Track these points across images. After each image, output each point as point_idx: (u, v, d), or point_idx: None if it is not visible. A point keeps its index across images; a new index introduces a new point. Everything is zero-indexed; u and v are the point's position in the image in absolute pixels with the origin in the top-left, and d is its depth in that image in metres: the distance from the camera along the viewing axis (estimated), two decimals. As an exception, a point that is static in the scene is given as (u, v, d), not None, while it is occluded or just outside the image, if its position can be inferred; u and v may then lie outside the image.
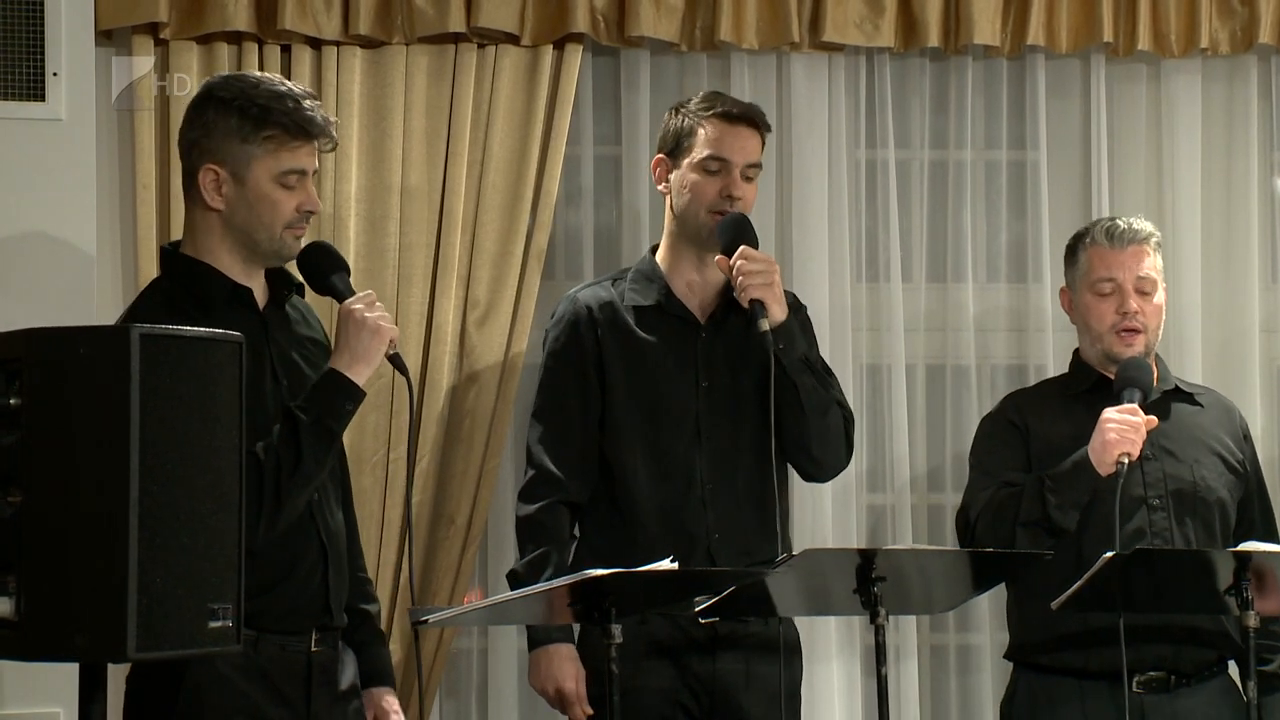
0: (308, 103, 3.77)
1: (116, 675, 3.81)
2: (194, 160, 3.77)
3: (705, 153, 4.26)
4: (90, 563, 3.15)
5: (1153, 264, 4.43)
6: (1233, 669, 4.40)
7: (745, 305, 4.17)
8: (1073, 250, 4.50)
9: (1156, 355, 4.49)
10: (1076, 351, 4.54)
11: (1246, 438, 4.54)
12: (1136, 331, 4.38)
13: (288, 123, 3.74)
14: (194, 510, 3.25)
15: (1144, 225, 4.46)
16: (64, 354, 3.19)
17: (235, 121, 3.74)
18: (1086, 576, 3.88)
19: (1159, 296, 4.43)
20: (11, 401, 3.22)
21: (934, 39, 4.88)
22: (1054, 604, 4.00)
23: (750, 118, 4.30)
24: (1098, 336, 4.42)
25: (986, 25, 4.88)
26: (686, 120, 4.30)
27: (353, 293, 3.83)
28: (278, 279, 3.87)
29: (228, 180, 3.74)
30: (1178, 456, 4.38)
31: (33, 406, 3.21)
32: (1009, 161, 5.06)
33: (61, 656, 3.25)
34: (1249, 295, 5.06)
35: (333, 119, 3.84)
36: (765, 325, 4.14)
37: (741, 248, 4.19)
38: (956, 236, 5.01)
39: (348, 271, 3.86)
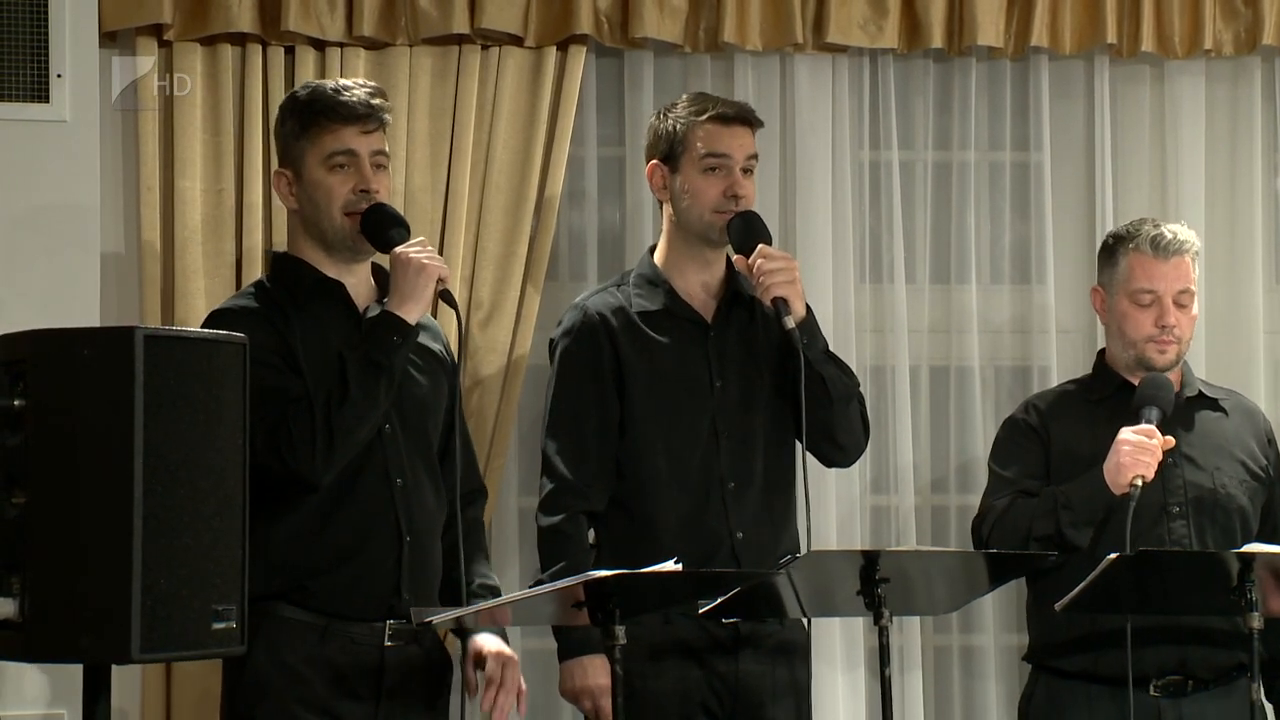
0: (353, 91, 3.96)
1: (121, 676, 3.82)
2: (277, 168, 4.03)
3: (704, 152, 4.25)
4: (94, 564, 3.16)
5: (1192, 275, 4.42)
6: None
7: (767, 303, 4.17)
8: (1111, 251, 4.48)
9: (1185, 363, 4.49)
10: (1101, 353, 4.54)
11: (1271, 442, 4.53)
12: (1171, 343, 4.38)
13: (324, 109, 3.95)
14: (198, 511, 3.26)
15: (1187, 235, 4.45)
16: (68, 355, 3.20)
17: (289, 124, 4.00)
18: (1090, 578, 3.88)
19: (1195, 308, 4.44)
20: (16, 403, 3.23)
21: (937, 40, 4.88)
22: (1057, 605, 4.00)
23: (744, 117, 4.30)
24: (1131, 344, 4.41)
25: (990, 26, 4.88)
26: (679, 125, 4.28)
27: None
28: (388, 280, 4.01)
29: (293, 180, 3.99)
30: (1199, 464, 4.38)
31: (37, 408, 3.22)
32: (1012, 163, 5.06)
33: (66, 658, 3.27)
34: (1253, 296, 5.05)
35: (379, 102, 3.99)
36: (791, 323, 4.14)
37: (760, 246, 4.19)
38: (960, 238, 5.01)
39: (407, 229, 3.98)
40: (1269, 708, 4.43)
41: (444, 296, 3.97)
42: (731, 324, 4.32)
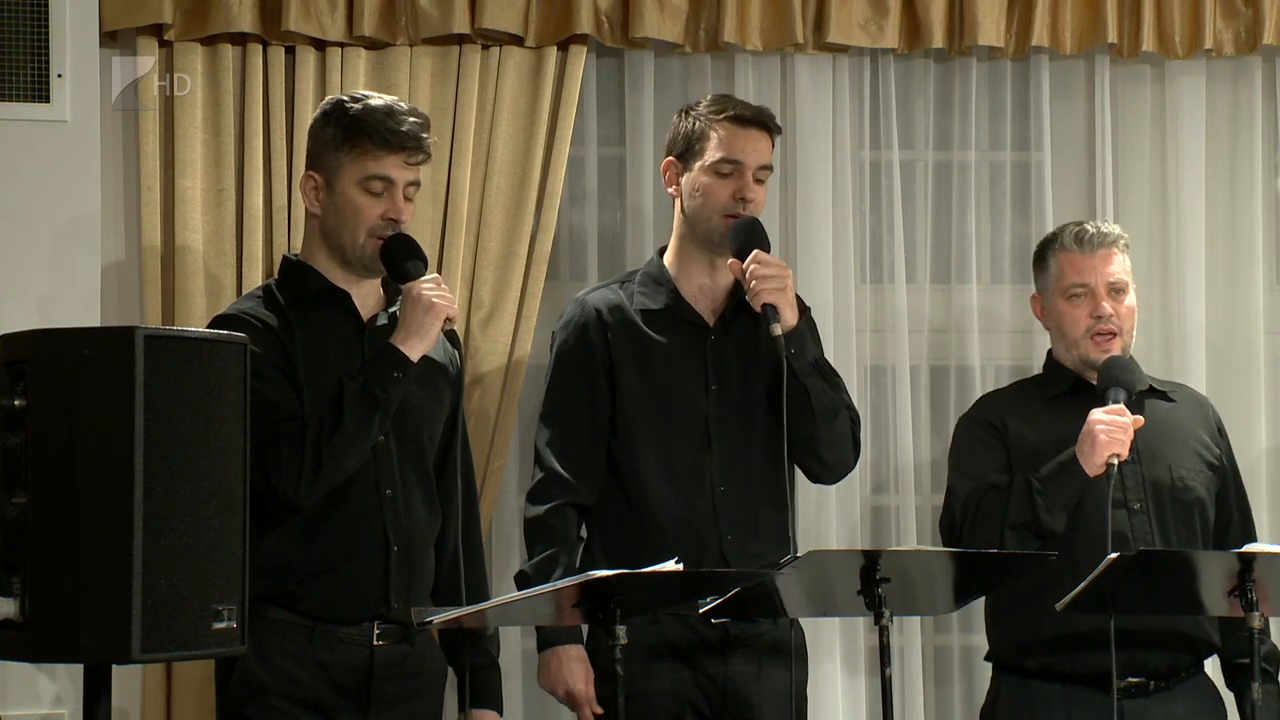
0: (406, 118, 3.97)
1: (121, 676, 3.82)
2: (306, 168, 4.02)
3: (718, 155, 4.26)
4: (95, 564, 3.16)
5: (1122, 266, 4.44)
6: (1209, 669, 4.45)
7: (758, 309, 4.17)
8: (1041, 257, 4.51)
9: (1130, 356, 4.50)
10: (1050, 353, 4.54)
11: (1221, 432, 4.55)
12: (1112, 334, 4.40)
13: (372, 131, 3.95)
14: (198, 511, 3.26)
15: (1112, 228, 4.48)
16: (69, 355, 3.20)
17: (332, 131, 3.99)
18: (1091, 578, 3.88)
19: (1131, 298, 4.45)
20: (17, 403, 3.23)
21: (938, 40, 4.88)
22: (1058, 605, 4.00)
23: (762, 121, 4.31)
24: (1073, 342, 4.43)
25: (991, 26, 4.88)
26: (697, 124, 4.30)
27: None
28: (397, 292, 4.03)
29: (322, 186, 3.99)
30: (1155, 457, 4.38)
31: (38, 407, 3.22)
32: (1013, 163, 5.06)
33: (66, 658, 3.27)
34: (1253, 296, 5.05)
35: (427, 136, 4.00)
36: (778, 330, 4.14)
37: (755, 252, 4.19)
38: (960, 238, 5.01)
39: (424, 261, 4.00)
40: (1228, 695, 4.47)
41: (449, 336, 4.02)
42: (734, 330, 4.33)
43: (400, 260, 3.97)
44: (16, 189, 4.44)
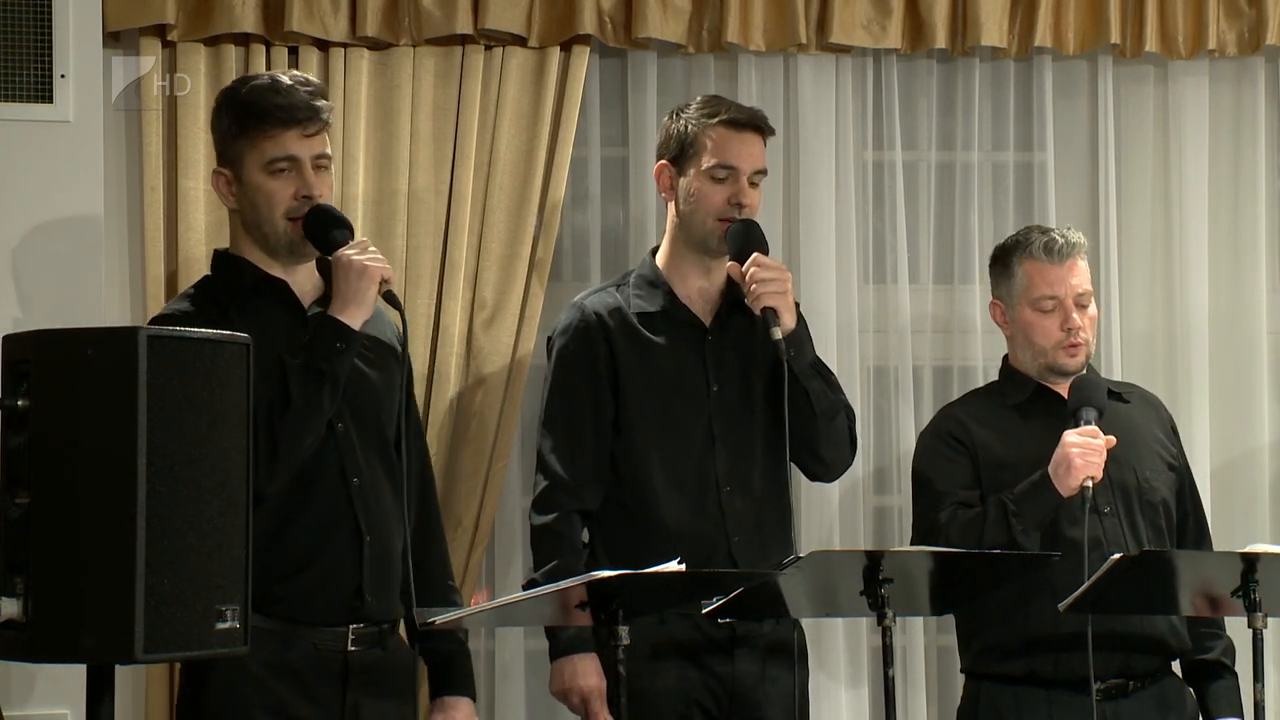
0: (294, 93, 3.85)
1: (124, 676, 3.82)
2: (216, 165, 3.93)
3: (712, 161, 4.25)
4: (98, 564, 3.16)
5: (1086, 274, 4.45)
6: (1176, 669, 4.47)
7: (757, 313, 4.17)
8: (1005, 263, 4.49)
9: (1090, 365, 4.50)
10: (1006, 358, 4.54)
11: (1175, 430, 4.56)
12: (1079, 345, 4.40)
13: (262, 112, 3.84)
14: (201, 511, 3.25)
15: (1077, 236, 4.48)
16: (71, 356, 3.20)
17: (227, 122, 3.90)
18: (1094, 579, 3.88)
19: (1093, 307, 4.46)
20: (19, 403, 3.22)
21: (941, 41, 4.88)
22: (1061, 606, 4.01)
23: (755, 124, 4.30)
24: (1041, 352, 4.43)
25: (994, 27, 4.89)
26: (689, 127, 4.29)
27: None
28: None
29: (233, 180, 3.90)
30: (1120, 461, 4.37)
31: (41, 408, 3.21)
32: (1016, 163, 5.06)
33: (69, 658, 3.26)
34: (1257, 297, 5.06)
35: (321, 103, 3.90)
36: (778, 334, 4.14)
37: (754, 255, 4.19)
38: (964, 238, 5.01)
39: (350, 230, 3.89)
40: (1190, 692, 4.47)
41: (388, 298, 3.88)
42: (730, 329, 4.33)
43: (324, 231, 3.86)
44: (19, 189, 4.44)
